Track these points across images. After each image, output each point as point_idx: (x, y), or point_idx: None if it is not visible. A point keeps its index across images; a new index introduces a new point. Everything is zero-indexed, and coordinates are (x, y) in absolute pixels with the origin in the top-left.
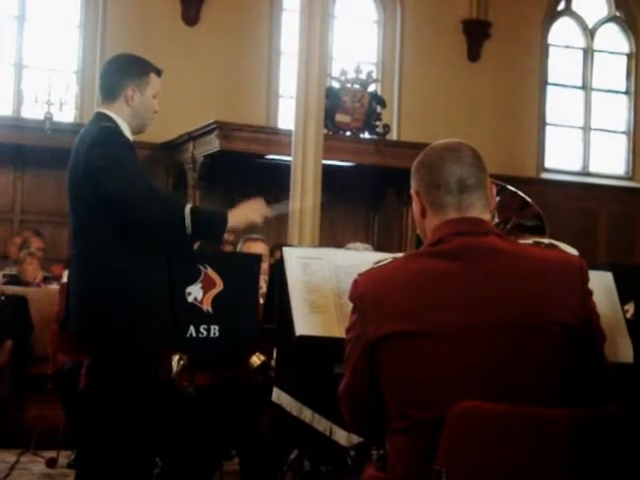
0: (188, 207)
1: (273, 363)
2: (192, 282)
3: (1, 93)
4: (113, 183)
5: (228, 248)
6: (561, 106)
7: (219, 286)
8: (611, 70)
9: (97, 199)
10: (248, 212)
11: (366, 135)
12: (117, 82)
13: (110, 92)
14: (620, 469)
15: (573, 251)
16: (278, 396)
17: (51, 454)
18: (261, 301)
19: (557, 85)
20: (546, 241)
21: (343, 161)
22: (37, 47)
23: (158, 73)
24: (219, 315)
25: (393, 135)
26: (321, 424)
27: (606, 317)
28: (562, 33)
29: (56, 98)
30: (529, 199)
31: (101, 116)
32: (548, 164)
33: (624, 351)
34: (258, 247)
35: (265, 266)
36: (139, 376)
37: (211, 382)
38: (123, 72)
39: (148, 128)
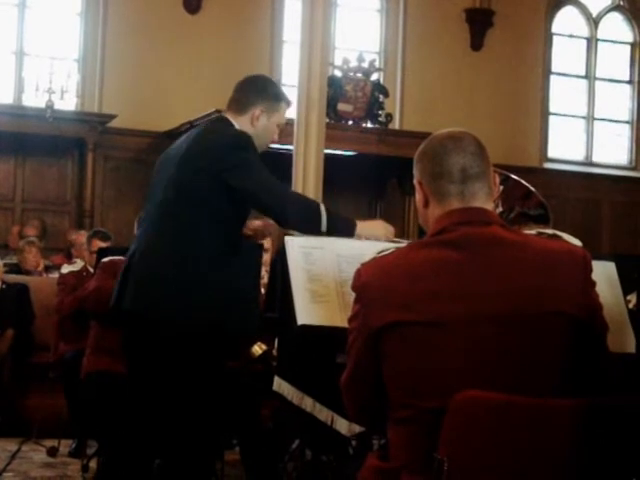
0: (323, 206)
1: (274, 352)
2: None
3: (2, 81)
4: (264, 188)
5: None
6: (564, 95)
7: None
8: (615, 59)
9: (227, 193)
10: (377, 228)
11: (368, 124)
12: (249, 99)
13: (239, 106)
14: (622, 459)
15: (576, 242)
16: (279, 385)
17: (52, 443)
18: (262, 291)
19: (560, 74)
20: (549, 232)
21: (345, 150)
22: (38, 35)
23: (288, 104)
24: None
25: (395, 124)
26: (322, 413)
27: (609, 307)
28: (566, 22)
29: (57, 86)
30: (533, 188)
31: (227, 121)
32: (551, 154)
33: (627, 341)
34: None
35: (267, 257)
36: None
37: None
38: (257, 91)
39: (152, 117)
